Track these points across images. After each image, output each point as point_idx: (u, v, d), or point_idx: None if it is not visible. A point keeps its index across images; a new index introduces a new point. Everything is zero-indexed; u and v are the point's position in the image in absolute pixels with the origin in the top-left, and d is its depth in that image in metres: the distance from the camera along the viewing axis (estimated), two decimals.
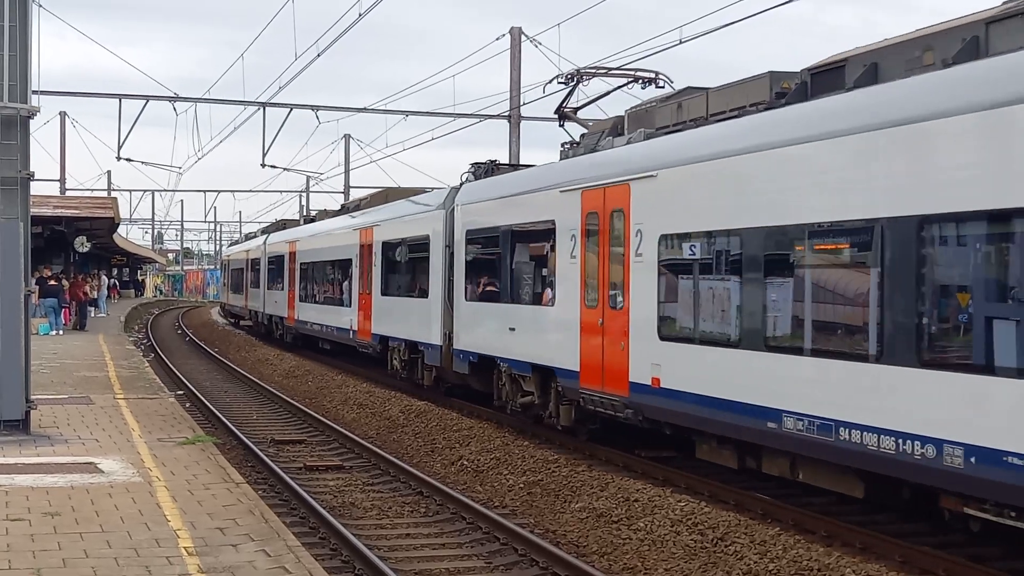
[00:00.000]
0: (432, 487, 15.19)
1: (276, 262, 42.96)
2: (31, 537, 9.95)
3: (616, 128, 17.36)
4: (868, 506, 12.93)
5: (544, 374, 17.94)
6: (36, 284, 34.81)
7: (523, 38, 33.48)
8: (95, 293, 50.53)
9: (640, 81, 19.21)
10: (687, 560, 11.47)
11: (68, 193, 59.45)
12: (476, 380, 21.04)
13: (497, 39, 34.16)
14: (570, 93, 20.00)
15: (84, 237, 44.92)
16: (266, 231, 51.21)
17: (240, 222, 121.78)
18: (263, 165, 39.55)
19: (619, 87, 19.55)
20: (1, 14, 15.37)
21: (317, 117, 38.27)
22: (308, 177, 66.71)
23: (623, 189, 15.43)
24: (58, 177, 60.42)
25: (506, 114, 34.59)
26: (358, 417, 22.86)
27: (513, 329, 18.87)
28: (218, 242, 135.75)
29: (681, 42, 25.09)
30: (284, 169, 53.12)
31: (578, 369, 16.52)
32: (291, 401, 24.94)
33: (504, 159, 28.02)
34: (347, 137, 60.62)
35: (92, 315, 45.65)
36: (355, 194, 58.35)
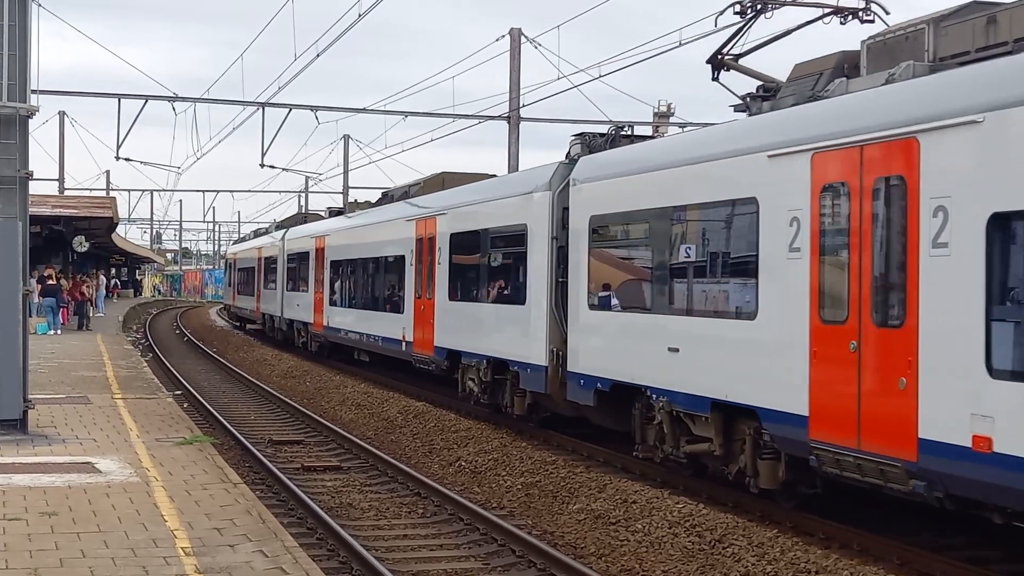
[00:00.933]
0: (430, 488, 15.17)
1: (298, 260, 37.92)
2: (28, 537, 9.94)
3: (841, 68, 12.96)
4: (865, 508, 12.93)
5: (731, 414, 13.29)
6: (36, 283, 34.85)
7: (523, 39, 33.52)
8: (91, 292, 50.47)
9: (840, 13, 15.09)
10: (685, 562, 11.46)
11: (67, 193, 59.54)
12: (604, 415, 16.45)
13: (497, 40, 34.26)
14: (740, 31, 15.47)
15: (82, 237, 44.91)
16: (283, 225, 45.98)
17: (239, 222, 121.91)
18: (262, 165, 39.54)
19: (811, 21, 15.40)
20: (1, 13, 15.37)
21: (316, 117, 38.30)
22: (307, 177, 66.84)
23: (904, 146, 10.49)
24: (57, 176, 60.57)
25: (506, 115, 34.61)
26: (356, 418, 22.84)
27: (676, 350, 14.11)
28: (217, 242, 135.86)
29: (680, 44, 25.18)
30: (283, 169, 53.16)
31: (806, 412, 11.61)
32: (289, 401, 24.92)
33: (503, 160, 27.68)
34: (346, 137, 60.68)
35: (91, 315, 45.62)
36: (355, 195, 58.25)
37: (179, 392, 25.60)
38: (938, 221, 10.14)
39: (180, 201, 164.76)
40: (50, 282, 37.61)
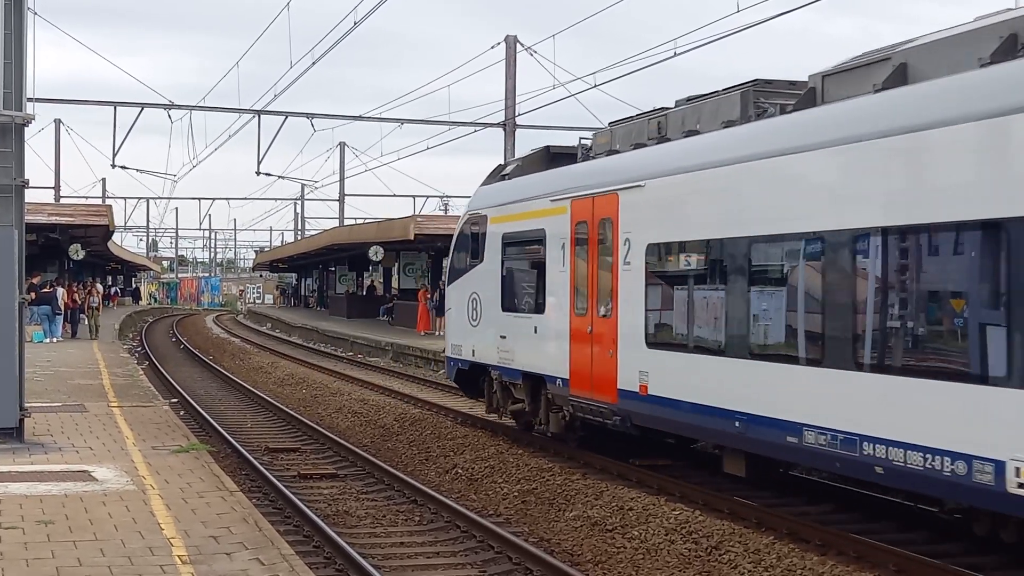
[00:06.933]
0: (426, 495, 15.17)
1: None
2: (24, 545, 9.93)
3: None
4: (864, 514, 12.94)
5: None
6: (29, 291, 34.80)
7: (519, 47, 33.59)
8: (88, 299, 50.27)
9: None
10: (681, 569, 11.47)
11: (63, 201, 59.57)
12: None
13: (492, 47, 34.33)
14: None
15: (79, 245, 44.86)
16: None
17: (235, 229, 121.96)
18: (258, 173, 39.68)
19: None
20: None
21: (312, 125, 38.45)
22: (303, 185, 66.83)
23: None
24: (53, 184, 60.57)
25: (502, 123, 34.66)
26: (352, 425, 22.83)
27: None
28: (213, 250, 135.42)
29: (676, 54, 25.28)
30: (279, 177, 53.29)
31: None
32: (285, 409, 24.90)
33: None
34: (342, 145, 60.74)
35: (84, 322, 45.49)
36: (349, 203, 57.96)
37: (175, 400, 25.57)
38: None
39: (176, 209, 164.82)
40: (45, 290, 37.55)
